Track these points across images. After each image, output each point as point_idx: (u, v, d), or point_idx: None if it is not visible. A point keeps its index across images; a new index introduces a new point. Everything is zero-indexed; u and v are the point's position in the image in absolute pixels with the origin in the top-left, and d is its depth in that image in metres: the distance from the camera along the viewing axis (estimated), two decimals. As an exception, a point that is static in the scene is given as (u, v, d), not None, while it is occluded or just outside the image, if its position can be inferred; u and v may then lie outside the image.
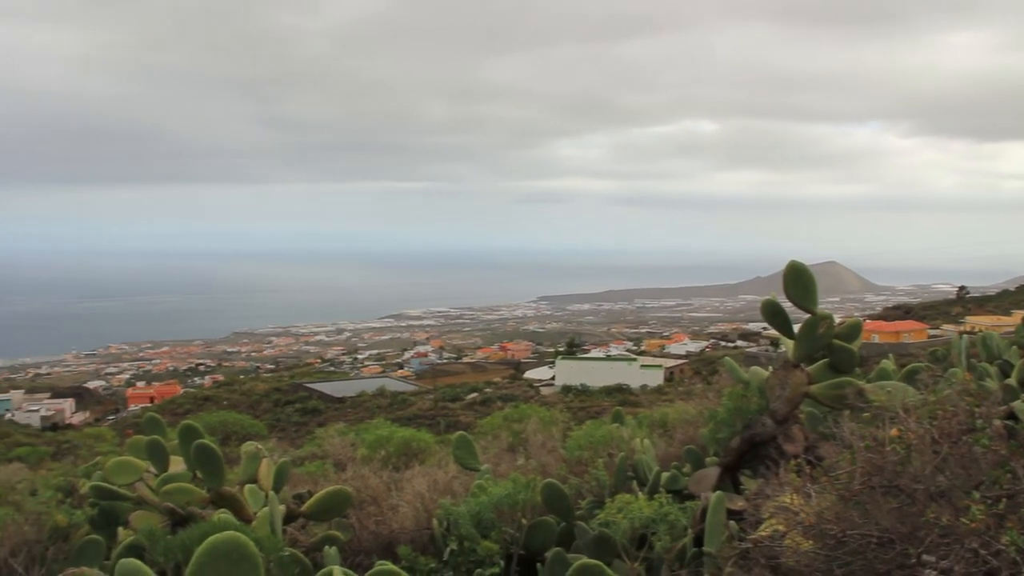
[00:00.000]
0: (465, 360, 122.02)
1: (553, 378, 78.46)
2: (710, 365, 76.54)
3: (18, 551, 5.90)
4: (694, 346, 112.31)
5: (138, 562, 2.02)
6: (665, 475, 7.08)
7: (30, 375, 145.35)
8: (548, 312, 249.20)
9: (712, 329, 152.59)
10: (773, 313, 6.87)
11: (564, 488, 6.74)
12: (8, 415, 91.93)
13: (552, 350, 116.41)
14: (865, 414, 4.94)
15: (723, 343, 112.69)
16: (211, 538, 2.04)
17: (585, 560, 3.63)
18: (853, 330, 6.82)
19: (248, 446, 6.91)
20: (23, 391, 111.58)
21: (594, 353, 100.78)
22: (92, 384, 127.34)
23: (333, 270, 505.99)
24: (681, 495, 6.72)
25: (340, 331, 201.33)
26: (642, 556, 5.53)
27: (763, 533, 4.66)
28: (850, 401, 6.13)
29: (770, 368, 7.19)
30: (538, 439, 9.40)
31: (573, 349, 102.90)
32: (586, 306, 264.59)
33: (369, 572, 3.61)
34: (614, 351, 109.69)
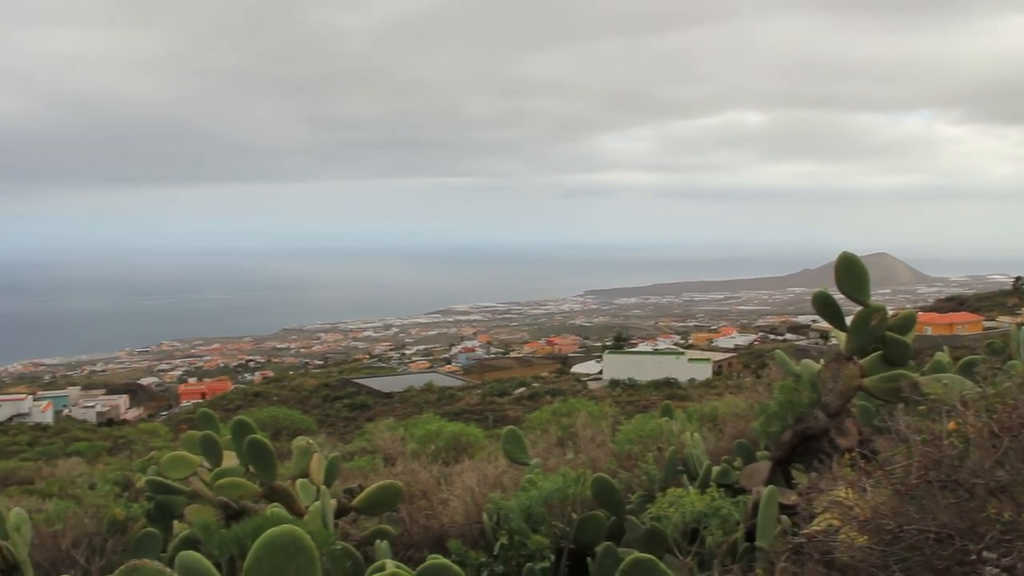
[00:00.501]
0: (512, 355, 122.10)
1: (600, 372, 78.23)
2: (759, 359, 75.81)
3: (79, 542, 6.01)
4: (742, 339, 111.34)
5: (197, 554, 2.04)
6: (716, 469, 7.03)
7: (86, 372, 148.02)
8: (595, 306, 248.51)
9: (760, 322, 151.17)
10: (825, 305, 6.78)
11: (614, 482, 6.70)
12: (65, 411, 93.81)
13: (599, 344, 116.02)
14: (921, 407, 4.85)
15: (771, 336, 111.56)
16: (268, 531, 2.05)
17: (638, 554, 3.60)
18: (907, 322, 6.70)
19: (299, 441, 6.98)
20: (79, 388, 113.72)
21: (641, 347, 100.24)
22: (145, 381, 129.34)
23: (380, 266, 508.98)
24: (732, 489, 6.66)
25: (387, 327, 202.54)
26: (694, 551, 5.49)
27: (817, 528, 4.61)
28: (905, 394, 6.02)
29: (822, 361, 7.09)
30: (587, 433, 9.37)
31: (620, 343, 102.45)
32: (633, 300, 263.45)
33: (421, 566, 3.61)
34: (661, 345, 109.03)
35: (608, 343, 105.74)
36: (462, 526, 7.01)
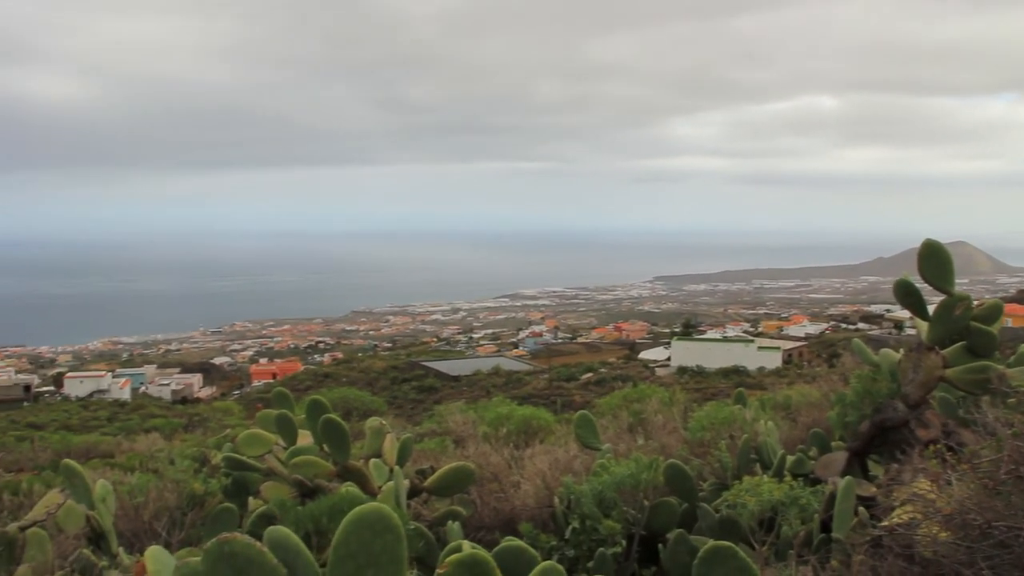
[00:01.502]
0: (580, 340, 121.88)
1: (668, 359, 77.81)
2: (830, 348, 74.74)
3: (160, 515, 6.16)
4: (813, 328, 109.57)
5: (287, 530, 2.07)
6: (790, 458, 6.92)
7: (161, 351, 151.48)
8: (663, 292, 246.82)
9: (832, 311, 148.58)
10: (907, 293, 6.61)
11: (687, 469, 6.65)
12: (142, 388, 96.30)
13: (667, 331, 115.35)
14: (1011, 400, 4.71)
15: (843, 325, 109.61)
16: (357, 509, 2.07)
17: (718, 542, 3.56)
18: (993, 312, 6.51)
19: (372, 421, 7.04)
20: (155, 366, 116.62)
21: (710, 334, 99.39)
22: (218, 360, 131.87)
23: (448, 250, 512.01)
24: (807, 479, 6.56)
25: (456, 310, 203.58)
26: (769, 541, 5.41)
27: (897, 521, 4.51)
28: (993, 386, 5.85)
29: (901, 351, 6.93)
30: (658, 419, 9.31)
31: (689, 330, 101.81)
32: (702, 286, 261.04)
33: (498, 547, 3.62)
34: (731, 332, 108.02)
35: (676, 330, 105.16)
36: (533, 509, 7.01)
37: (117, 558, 5.11)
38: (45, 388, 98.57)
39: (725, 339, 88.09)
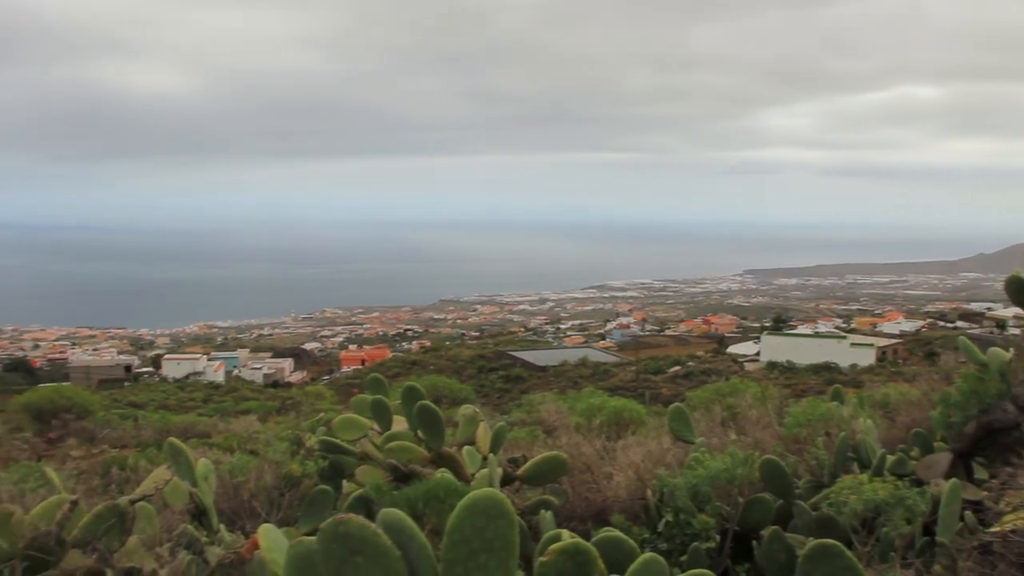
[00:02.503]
0: (667, 333, 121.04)
1: (758, 353, 76.71)
2: (927, 346, 72.81)
3: (258, 494, 6.30)
4: (909, 325, 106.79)
5: (400, 512, 2.08)
6: (891, 458, 6.74)
7: (254, 335, 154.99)
8: (754, 286, 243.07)
9: (929, 308, 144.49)
10: (1018, 290, 6.38)
11: (783, 465, 6.53)
12: (235, 372, 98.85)
13: (757, 325, 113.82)
14: None
15: (941, 323, 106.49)
16: (472, 494, 2.08)
17: (824, 540, 3.48)
18: (1111, 311, 6.25)
19: (466, 409, 7.08)
20: (248, 350, 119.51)
21: (801, 329, 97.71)
22: (309, 345, 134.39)
23: (537, 241, 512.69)
24: (907, 480, 6.38)
25: (543, 301, 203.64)
26: (871, 542, 5.28)
27: (1008, 527, 4.36)
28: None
29: (1011, 351, 6.69)
30: (752, 414, 9.17)
31: (779, 324, 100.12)
32: (793, 280, 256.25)
33: (597, 537, 3.60)
34: (822, 328, 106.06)
35: (767, 324, 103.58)
36: (625, 501, 6.98)
37: (218, 534, 5.23)
38: (144, 369, 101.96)
39: (817, 335, 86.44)
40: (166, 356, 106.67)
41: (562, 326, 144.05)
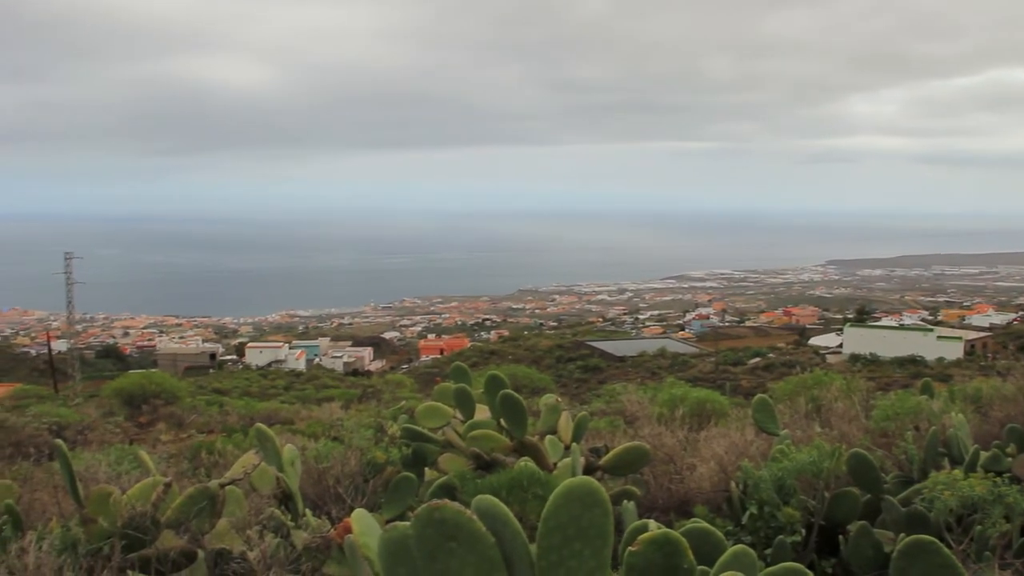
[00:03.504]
0: (747, 324, 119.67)
1: (840, 346, 75.34)
2: (1019, 339, 70.77)
3: (342, 480, 6.39)
4: (999, 318, 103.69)
5: (494, 499, 2.09)
6: (984, 454, 6.55)
7: (335, 324, 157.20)
8: (836, 277, 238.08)
9: (1021, 300, 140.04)
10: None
11: (871, 459, 6.39)
12: (316, 360, 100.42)
13: (840, 317, 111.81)
14: None
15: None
16: (567, 482, 2.07)
17: (920, 536, 3.39)
18: None
19: (548, 398, 7.09)
20: (329, 339, 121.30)
21: (885, 321, 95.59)
22: (388, 335, 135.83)
23: (615, 230, 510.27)
24: (1003, 477, 6.19)
25: (622, 291, 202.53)
26: (966, 540, 5.14)
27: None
28: None
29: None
30: (838, 407, 9.00)
31: (863, 316, 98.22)
32: (877, 271, 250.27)
33: (686, 527, 3.57)
34: (908, 320, 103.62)
35: (850, 316, 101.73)
36: (708, 493, 6.91)
37: (303, 518, 5.31)
38: (228, 356, 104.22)
39: (902, 327, 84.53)
40: (249, 344, 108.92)
41: (640, 316, 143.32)
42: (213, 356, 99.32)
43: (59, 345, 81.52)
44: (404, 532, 2.07)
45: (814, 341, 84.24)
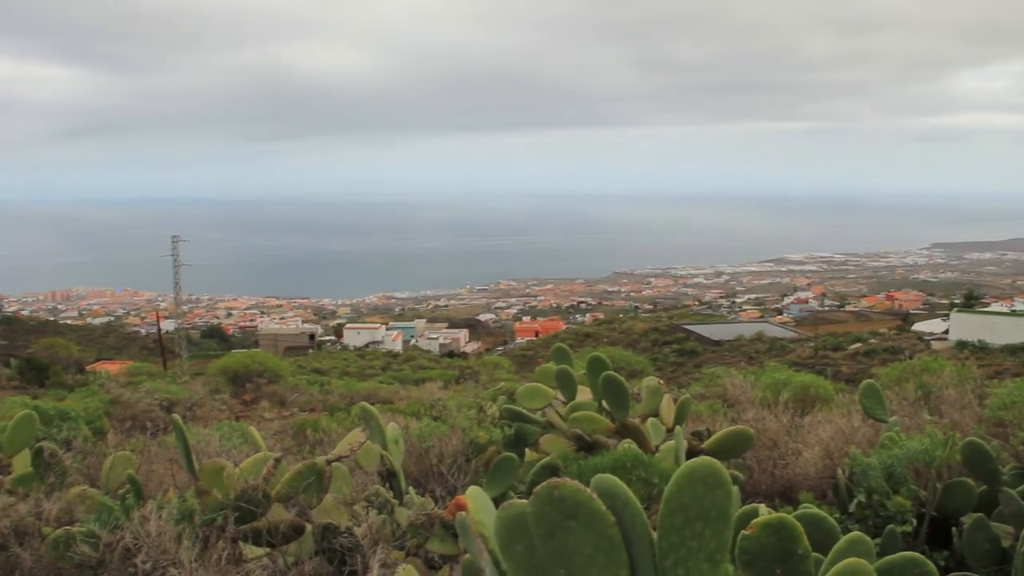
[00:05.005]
0: (848, 308, 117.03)
1: (946, 332, 72.94)
2: None
3: (444, 459, 6.46)
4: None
5: (615, 478, 2.07)
6: (1109, 444, 6.27)
7: (431, 306, 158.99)
8: (942, 260, 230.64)
9: None
10: None
11: (989, 449, 6.17)
12: (412, 341, 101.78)
13: (946, 302, 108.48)
14: None
15: None
16: (690, 462, 2.04)
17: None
18: None
19: (650, 380, 7.04)
20: (425, 320, 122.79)
21: (995, 307, 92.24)
22: (483, 317, 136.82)
23: (711, 212, 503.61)
24: None
25: (718, 274, 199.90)
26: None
27: None
28: None
29: None
30: (949, 394, 8.73)
31: (971, 301, 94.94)
32: (987, 255, 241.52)
33: (796, 512, 3.51)
34: (1020, 306, 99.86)
35: (956, 301, 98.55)
36: (813, 479, 6.78)
37: (406, 496, 5.38)
38: (327, 337, 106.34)
39: (1013, 313, 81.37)
40: (347, 325, 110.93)
41: (737, 300, 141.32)
42: (312, 337, 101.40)
43: (167, 325, 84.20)
44: (522, 509, 2.07)
45: (918, 327, 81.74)
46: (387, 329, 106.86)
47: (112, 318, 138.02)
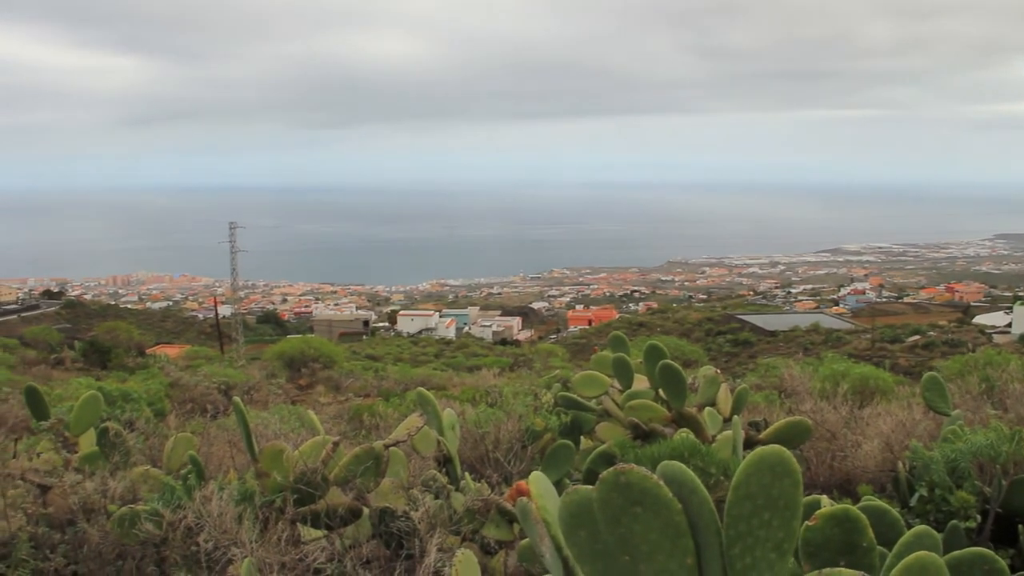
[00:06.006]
0: (906, 300, 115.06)
1: (1009, 325, 71.46)
2: None
3: (499, 445, 6.47)
4: None
5: (682, 465, 2.05)
6: None
7: (484, 294, 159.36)
8: (1005, 252, 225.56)
9: None
10: None
11: (1058, 444, 6.02)
12: (465, 328, 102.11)
13: (1009, 294, 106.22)
14: None
15: None
16: (758, 450, 2.02)
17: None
18: None
19: (706, 370, 6.98)
20: (478, 308, 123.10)
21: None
22: (536, 305, 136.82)
23: (767, 201, 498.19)
24: None
25: (774, 264, 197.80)
26: None
27: None
28: None
29: None
30: (1015, 388, 8.53)
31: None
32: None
33: (861, 504, 3.46)
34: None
35: (1020, 293, 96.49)
36: (872, 472, 6.68)
37: (462, 482, 5.40)
38: (380, 324, 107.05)
39: (1081, 306, 79.54)
40: (401, 312, 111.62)
41: (793, 290, 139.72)
42: (366, 323, 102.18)
43: (223, 310, 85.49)
44: (587, 495, 2.06)
45: (979, 320, 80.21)
46: (440, 316, 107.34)
47: (170, 303, 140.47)
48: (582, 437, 7.11)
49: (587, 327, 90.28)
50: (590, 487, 2.04)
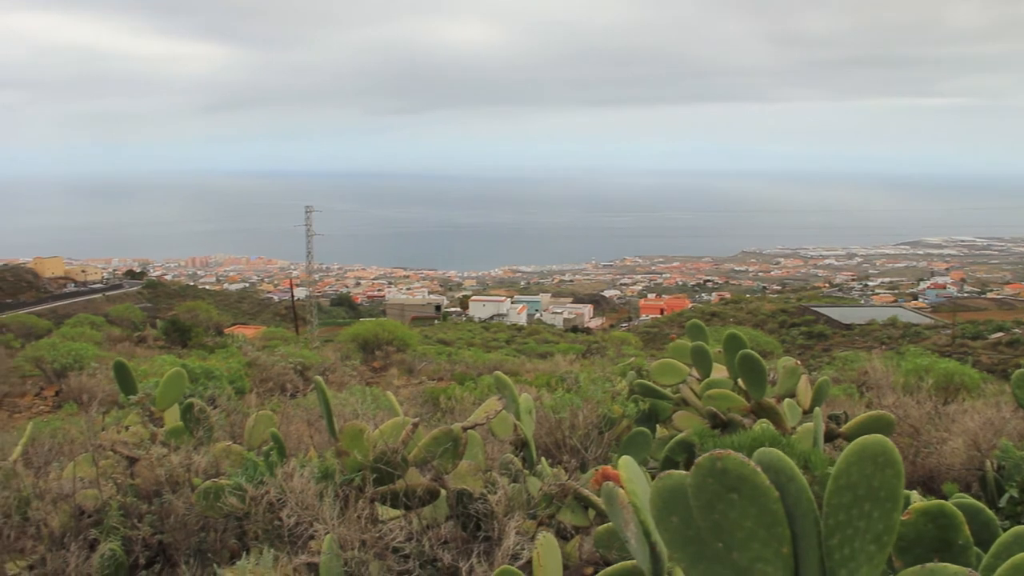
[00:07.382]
0: (990, 295, 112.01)
1: (1098, 322, 69.17)
2: None
3: (575, 431, 6.47)
4: None
5: (780, 452, 2.02)
6: None
7: (556, 281, 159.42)
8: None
9: None
10: None
11: None
12: (537, 315, 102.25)
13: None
14: None
15: None
16: (860, 439, 1.98)
17: None
18: None
19: (786, 361, 6.87)
20: (550, 295, 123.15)
21: None
22: (608, 293, 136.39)
23: (846, 192, 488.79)
24: None
25: (851, 256, 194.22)
26: None
27: None
28: None
29: None
30: (1108, 387, 8.24)
31: None
32: None
33: (955, 501, 3.37)
34: None
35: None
36: (958, 470, 6.52)
37: (537, 467, 5.40)
38: (452, 309, 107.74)
39: None
40: (473, 297, 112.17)
41: (870, 283, 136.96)
42: (438, 308, 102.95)
43: (298, 292, 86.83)
44: (680, 480, 2.03)
45: (1066, 316, 77.78)
46: (512, 302, 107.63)
47: (247, 284, 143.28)
48: (657, 425, 7.06)
49: (659, 316, 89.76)
50: (684, 472, 2.02)
